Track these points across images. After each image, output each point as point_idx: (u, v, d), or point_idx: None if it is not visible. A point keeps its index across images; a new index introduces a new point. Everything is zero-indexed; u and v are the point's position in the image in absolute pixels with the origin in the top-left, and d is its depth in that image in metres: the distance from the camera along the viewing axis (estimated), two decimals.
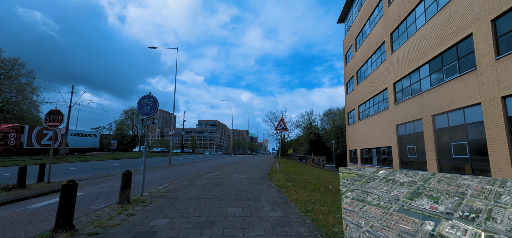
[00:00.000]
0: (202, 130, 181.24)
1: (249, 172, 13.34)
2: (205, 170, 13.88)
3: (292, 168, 17.91)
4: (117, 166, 17.55)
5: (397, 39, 16.34)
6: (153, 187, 8.02)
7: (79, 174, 12.22)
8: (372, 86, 20.06)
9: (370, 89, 20.51)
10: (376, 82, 19.34)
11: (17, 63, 39.62)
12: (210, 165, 19.70)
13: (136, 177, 10.51)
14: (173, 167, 17.17)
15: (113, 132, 72.32)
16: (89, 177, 10.91)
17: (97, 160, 22.38)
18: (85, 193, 7.25)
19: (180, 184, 8.38)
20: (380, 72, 18.54)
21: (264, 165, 19.63)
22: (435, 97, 12.07)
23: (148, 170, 14.52)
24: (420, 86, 13.56)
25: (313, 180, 11.65)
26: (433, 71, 12.52)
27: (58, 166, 16.21)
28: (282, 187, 8.10)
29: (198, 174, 11.68)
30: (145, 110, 6.30)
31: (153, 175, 11.73)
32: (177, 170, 14.49)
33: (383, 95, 18.35)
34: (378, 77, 18.97)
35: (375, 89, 19.55)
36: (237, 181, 9.29)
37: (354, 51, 25.18)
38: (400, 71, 15.50)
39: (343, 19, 29.88)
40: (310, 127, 67.42)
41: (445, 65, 11.63)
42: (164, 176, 11.07)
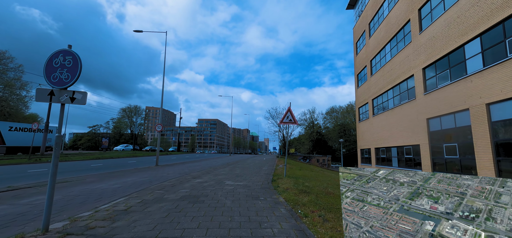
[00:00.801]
0: (202, 128, 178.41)
1: (247, 176, 10.38)
2: (193, 173, 11.10)
3: (299, 170, 15.11)
4: (94, 167, 14.80)
5: (429, 14, 13.42)
6: (102, 203, 5.31)
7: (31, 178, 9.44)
8: (392, 75, 17.12)
9: (389, 79, 17.53)
10: (397, 70, 16.41)
11: (4, 57, 37.20)
12: (203, 166, 16.94)
13: (99, 184, 7.78)
14: (158, 168, 14.37)
15: (110, 130, 69.87)
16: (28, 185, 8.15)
17: (74, 160, 19.66)
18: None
19: (144, 199, 5.63)
20: (403, 57, 15.63)
21: (266, 166, 16.75)
22: (491, 80, 9.20)
23: (128, 172, 11.77)
24: (465, 68, 10.69)
25: (331, 187, 8.84)
26: (487, 47, 9.63)
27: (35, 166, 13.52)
28: (295, 204, 5.33)
29: (181, 179, 8.87)
30: (58, 76, 3.55)
31: (124, 180, 8.96)
32: (160, 173, 11.72)
33: (407, 84, 15.44)
34: (400, 64, 16.05)
35: (395, 78, 16.61)
36: (228, 193, 6.51)
37: (367, 38, 22.19)
38: (433, 52, 12.61)
39: (353, 4, 26.91)
40: (313, 125, 64.40)
41: (509, 36, 8.75)
42: (136, 183, 8.30)
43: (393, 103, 17.19)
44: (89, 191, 6.88)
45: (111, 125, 70.12)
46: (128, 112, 68.73)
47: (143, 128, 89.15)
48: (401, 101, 16.00)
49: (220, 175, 10.52)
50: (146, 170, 13.33)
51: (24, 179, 9.30)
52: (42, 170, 12.58)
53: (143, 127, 78.86)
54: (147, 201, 5.45)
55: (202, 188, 7.12)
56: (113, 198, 5.89)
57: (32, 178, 9.63)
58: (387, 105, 18.23)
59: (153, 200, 5.49)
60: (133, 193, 6.44)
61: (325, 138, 64.37)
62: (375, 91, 20.12)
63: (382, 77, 18.74)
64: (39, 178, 9.66)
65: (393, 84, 16.91)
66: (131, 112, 68.89)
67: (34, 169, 13.06)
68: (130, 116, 69.40)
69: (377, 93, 19.62)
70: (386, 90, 18.13)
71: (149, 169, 13.76)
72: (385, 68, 18.30)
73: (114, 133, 68.60)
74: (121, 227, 3.69)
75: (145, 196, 5.98)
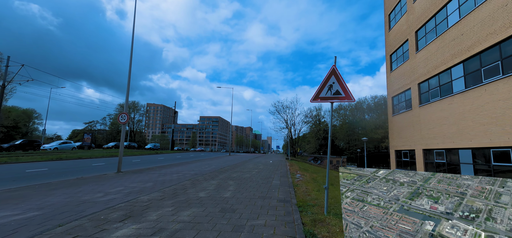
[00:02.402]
0: (204, 126, 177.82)
1: (245, 215, 4.29)
2: (153, 194, 5.90)
3: (322, 179, 11.08)
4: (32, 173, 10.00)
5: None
6: None
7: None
8: (465, 42, 11.66)
9: (458, 49, 12.09)
10: (478, 32, 10.91)
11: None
12: (186, 173, 10.95)
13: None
14: (115, 179, 8.86)
15: (107, 126, 67.92)
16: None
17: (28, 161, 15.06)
18: None
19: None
20: (494, 9, 10.14)
21: (276, 176, 10.29)
22: None
23: (59, 185, 7.09)
24: None
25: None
26: None
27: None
28: None
29: (110, 212, 4.12)
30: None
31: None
32: (99, 190, 6.47)
33: (500, 50, 9.90)
34: (487, 20, 10.48)
35: (473, 46, 11.11)
36: None
37: (410, 2, 16.66)
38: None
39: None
40: (319, 123, 61.56)
41: None
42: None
43: (464, 85, 11.78)
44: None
45: (108, 121, 67.89)
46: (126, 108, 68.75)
47: (144, 124, 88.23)
48: (484, 80, 10.61)
49: (193, 206, 4.84)
50: (91, 181, 8.28)
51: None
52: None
53: (143, 124, 77.76)
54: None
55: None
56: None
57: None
58: (449, 89, 12.78)
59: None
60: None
61: (332, 137, 62.19)
62: (425, 71, 14.48)
63: (441, 50, 13.37)
64: None
65: (468, 55, 11.45)
66: (129, 109, 69.20)
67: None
68: (127, 112, 70.08)
69: (430, 73, 14.07)
70: (450, 67, 12.72)
71: (99, 180, 8.51)
72: (448, 35, 12.89)
73: (111, 130, 67.31)
74: None
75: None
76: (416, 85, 15.37)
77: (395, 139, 17.88)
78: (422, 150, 14.43)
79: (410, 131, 15.91)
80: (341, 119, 63.51)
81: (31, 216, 4.17)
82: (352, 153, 55.75)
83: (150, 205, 4.91)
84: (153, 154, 31.66)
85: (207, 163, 18.76)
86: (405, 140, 16.54)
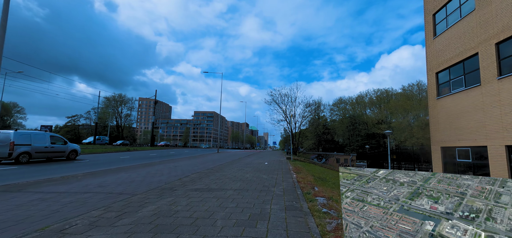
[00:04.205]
0: (199, 121, 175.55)
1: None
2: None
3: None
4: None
5: None
6: None
7: None
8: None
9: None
10: None
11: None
12: (121, 185, 7.04)
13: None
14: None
15: (93, 121, 62.42)
16: None
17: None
18: None
19: None
20: None
21: (279, 191, 6.28)
22: None
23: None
24: None
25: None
26: None
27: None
28: None
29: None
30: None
31: None
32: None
33: None
34: None
35: None
36: None
37: None
38: None
39: None
40: (318, 118, 57.50)
41: None
42: None
43: None
44: None
45: (92, 114, 62.90)
46: (113, 101, 62.80)
47: (135, 119, 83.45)
48: None
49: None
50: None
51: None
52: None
53: (133, 118, 72.89)
54: None
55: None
56: None
57: None
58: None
59: None
60: None
61: (332, 132, 59.76)
62: (508, 22, 9.07)
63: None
64: None
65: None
66: (116, 102, 63.26)
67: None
68: (115, 106, 63.17)
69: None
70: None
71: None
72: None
73: (98, 125, 64.23)
74: None
75: None
76: (493, 46, 9.64)
77: (443, 131, 12.38)
78: (505, 146, 9.12)
79: (476, 119, 10.46)
80: (341, 113, 61.14)
81: None
82: (353, 150, 53.33)
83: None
84: (121, 151, 26.57)
85: (186, 163, 14.37)
86: (463, 132, 11.09)
